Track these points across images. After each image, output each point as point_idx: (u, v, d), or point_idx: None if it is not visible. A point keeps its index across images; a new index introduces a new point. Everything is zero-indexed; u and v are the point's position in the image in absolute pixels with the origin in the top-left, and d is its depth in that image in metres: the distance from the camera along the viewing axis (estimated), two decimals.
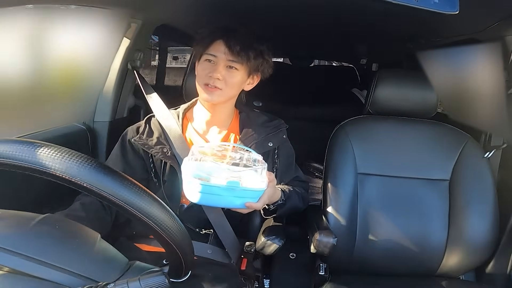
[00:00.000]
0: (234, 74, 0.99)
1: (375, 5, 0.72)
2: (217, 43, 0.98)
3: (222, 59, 0.98)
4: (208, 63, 0.99)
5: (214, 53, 0.98)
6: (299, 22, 1.57)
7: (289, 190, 1.05)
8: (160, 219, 0.48)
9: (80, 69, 1.21)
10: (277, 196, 0.98)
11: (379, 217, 1.18)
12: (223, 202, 0.85)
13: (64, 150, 0.46)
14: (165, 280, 0.51)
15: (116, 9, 1.08)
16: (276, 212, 1.01)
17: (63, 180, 0.45)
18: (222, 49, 0.97)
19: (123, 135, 1.06)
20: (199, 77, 1.01)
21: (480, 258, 1.15)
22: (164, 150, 1.00)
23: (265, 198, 0.87)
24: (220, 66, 0.98)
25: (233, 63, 0.98)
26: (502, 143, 1.21)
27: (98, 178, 0.45)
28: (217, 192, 0.80)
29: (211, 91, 0.98)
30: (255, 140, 1.04)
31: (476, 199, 1.15)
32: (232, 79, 0.99)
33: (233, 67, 0.99)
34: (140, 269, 0.56)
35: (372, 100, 1.24)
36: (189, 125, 1.08)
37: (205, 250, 1.01)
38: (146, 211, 0.47)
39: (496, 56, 1.13)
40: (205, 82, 0.99)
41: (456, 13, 0.72)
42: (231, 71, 0.99)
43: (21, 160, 0.44)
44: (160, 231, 0.49)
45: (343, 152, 1.21)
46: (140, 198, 0.47)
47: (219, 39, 0.98)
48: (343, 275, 1.17)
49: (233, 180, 0.80)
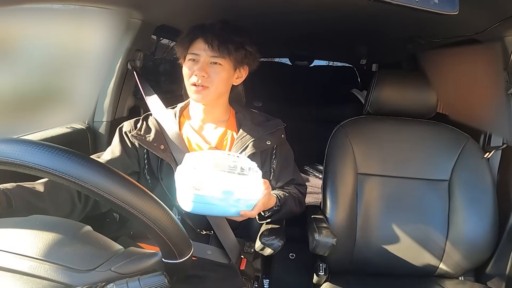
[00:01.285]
0: (218, 69, 0.99)
1: (375, 5, 0.72)
2: (197, 42, 0.99)
3: (204, 56, 0.98)
4: (192, 62, 1.00)
5: (196, 51, 0.99)
6: (299, 23, 1.57)
7: (284, 195, 1.04)
8: (129, 200, 0.47)
9: (80, 69, 1.21)
10: (272, 202, 0.97)
11: (378, 217, 1.18)
12: (217, 211, 0.84)
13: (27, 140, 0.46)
14: (164, 280, 0.51)
15: (116, 9, 1.08)
16: (271, 217, 1.01)
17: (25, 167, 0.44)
18: (202, 47, 0.98)
19: (119, 128, 1.06)
20: (186, 77, 1.02)
21: (480, 258, 1.15)
22: (162, 147, 1.00)
23: (260, 206, 0.87)
24: (203, 64, 0.98)
25: (215, 58, 0.98)
26: (501, 143, 1.21)
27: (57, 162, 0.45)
28: (211, 202, 0.79)
29: (199, 91, 0.99)
30: (253, 138, 1.03)
31: (476, 200, 1.15)
32: (217, 75, 0.99)
33: (216, 62, 0.99)
34: (130, 253, 0.55)
35: (371, 100, 1.25)
36: (186, 123, 1.09)
37: (204, 251, 1.01)
38: (107, 188, 0.46)
39: (496, 57, 1.13)
40: (191, 82, 0.99)
41: (456, 13, 0.72)
42: (215, 67, 0.99)
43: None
44: (132, 210, 0.47)
45: (343, 152, 1.21)
46: (99, 174, 0.46)
47: (199, 38, 0.99)
48: (342, 275, 1.17)
49: (227, 190, 0.79)
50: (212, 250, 1.02)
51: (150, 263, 0.53)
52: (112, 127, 1.32)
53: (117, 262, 0.52)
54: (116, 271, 0.51)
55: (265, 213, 0.99)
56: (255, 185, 0.83)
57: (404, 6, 0.70)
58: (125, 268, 0.52)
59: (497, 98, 1.16)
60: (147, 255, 0.54)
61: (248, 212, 0.85)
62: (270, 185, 0.94)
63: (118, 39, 1.21)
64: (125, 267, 0.52)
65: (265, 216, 1.00)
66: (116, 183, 0.46)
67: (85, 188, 0.45)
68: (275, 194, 1.01)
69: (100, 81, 1.28)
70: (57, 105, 1.23)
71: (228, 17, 1.02)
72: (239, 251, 1.05)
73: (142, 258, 0.54)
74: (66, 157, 0.45)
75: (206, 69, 0.98)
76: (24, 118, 1.09)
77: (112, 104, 1.30)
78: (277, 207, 0.99)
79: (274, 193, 1.02)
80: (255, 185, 0.83)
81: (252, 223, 1.14)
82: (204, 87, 0.98)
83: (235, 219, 0.89)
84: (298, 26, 1.66)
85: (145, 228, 0.49)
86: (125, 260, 0.52)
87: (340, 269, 1.19)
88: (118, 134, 1.05)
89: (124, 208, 0.47)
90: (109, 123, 1.31)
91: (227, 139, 1.07)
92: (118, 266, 0.51)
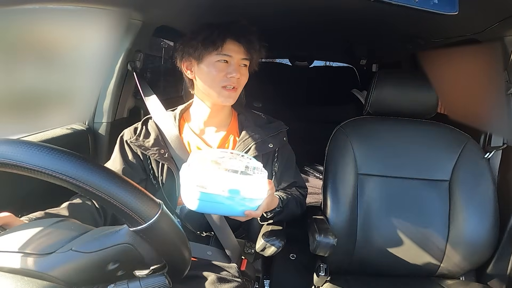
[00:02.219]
0: (245, 71, 0.99)
1: (375, 6, 0.72)
2: (230, 43, 0.95)
3: (237, 58, 0.96)
4: (223, 64, 0.96)
5: (229, 53, 0.95)
6: (299, 23, 1.57)
7: (286, 197, 1.04)
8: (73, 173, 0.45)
9: (80, 70, 1.21)
10: (275, 203, 0.97)
11: (379, 217, 1.18)
12: (222, 210, 0.84)
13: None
14: (165, 280, 0.51)
15: (116, 9, 1.08)
16: (273, 218, 1.01)
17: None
18: (235, 48, 0.95)
19: (120, 137, 1.05)
20: (214, 80, 0.96)
21: (480, 259, 1.15)
22: (161, 151, 0.99)
23: (264, 206, 0.86)
24: (236, 66, 0.96)
25: (245, 60, 0.97)
26: (502, 143, 1.21)
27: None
28: (217, 200, 0.79)
29: (230, 92, 0.97)
30: (255, 141, 1.03)
31: (476, 200, 1.15)
32: (244, 78, 0.99)
33: (245, 65, 0.98)
34: (96, 232, 0.53)
35: (372, 100, 1.24)
36: (186, 126, 1.08)
37: (204, 251, 1.01)
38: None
39: (496, 57, 1.13)
40: (222, 85, 0.96)
41: (455, 13, 0.72)
42: (243, 69, 0.98)
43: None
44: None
45: (343, 153, 1.21)
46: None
47: (229, 38, 0.95)
48: (343, 276, 1.17)
49: (233, 188, 0.79)
50: (212, 251, 1.02)
51: (116, 237, 0.50)
52: (112, 128, 1.32)
53: (79, 242, 0.50)
54: (78, 250, 0.49)
55: (268, 214, 0.99)
56: (261, 185, 0.83)
57: (404, 6, 0.70)
58: (88, 246, 0.49)
59: (497, 98, 1.16)
60: (113, 230, 0.51)
61: (253, 212, 0.84)
62: (274, 185, 0.94)
63: (118, 40, 1.21)
64: (88, 245, 0.49)
65: (267, 217, 1.00)
66: (60, 160, 0.45)
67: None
68: (278, 196, 1.01)
69: (100, 82, 1.28)
70: (58, 105, 1.23)
71: (228, 18, 1.02)
72: (239, 252, 1.04)
73: (108, 234, 0.51)
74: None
75: (240, 71, 0.96)
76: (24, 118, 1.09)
77: (112, 105, 1.30)
78: (279, 208, 0.99)
79: (277, 194, 1.02)
80: (261, 185, 0.83)
81: (252, 224, 1.14)
82: (235, 89, 0.97)
83: (239, 219, 0.89)
84: (298, 26, 1.66)
85: (97, 199, 0.47)
86: (89, 239, 0.51)
87: (340, 270, 1.19)
88: (119, 145, 1.04)
89: (71, 183, 0.45)
90: (109, 124, 1.31)
91: (229, 142, 1.06)
92: (80, 245, 0.49)
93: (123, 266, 0.51)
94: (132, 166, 1.02)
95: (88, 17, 1.02)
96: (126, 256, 0.50)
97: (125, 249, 0.49)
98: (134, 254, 0.50)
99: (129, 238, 0.50)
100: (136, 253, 0.50)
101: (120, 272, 0.52)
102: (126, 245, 0.49)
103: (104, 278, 0.50)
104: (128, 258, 0.50)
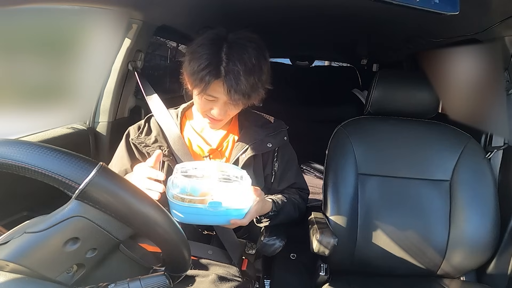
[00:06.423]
0: (234, 108, 0.95)
1: (376, 5, 0.72)
2: (215, 84, 0.87)
3: (223, 99, 0.90)
4: (207, 101, 0.92)
5: (214, 94, 0.89)
6: (299, 23, 1.57)
7: (282, 201, 1.03)
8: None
9: (81, 69, 1.21)
10: (267, 208, 0.97)
11: (379, 217, 1.18)
12: (208, 220, 0.86)
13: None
14: (165, 280, 0.51)
15: (116, 9, 1.08)
16: (270, 222, 1.01)
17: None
18: (221, 90, 0.87)
19: (126, 134, 1.06)
20: (199, 109, 0.96)
21: (481, 259, 1.15)
22: (162, 148, 1.00)
23: (253, 213, 0.87)
24: (221, 105, 0.92)
25: (234, 101, 0.90)
26: (503, 143, 1.21)
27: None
28: (200, 212, 0.80)
29: (214, 123, 0.98)
30: (254, 141, 1.03)
31: (477, 200, 1.15)
32: (232, 112, 0.97)
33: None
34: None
35: (372, 100, 1.24)
36: (188, 124, 1.08)
37: (205, 251, 1.01)
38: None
39: (497, 57, 1.13)
40: (204, 116, 0.97)
41: (456, 13, 0.72)
42: (231, 106, 0.93)
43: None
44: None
45: (343, 152, 1.21)
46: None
47: (215, 80, 0.86)
48: (343, 276, 1.17)
49: (214, 201, 0.79)
50: (213, 250, 1.02)
51: (66, 211, 0.47)
52: (113, 127, 1.32)
53: (31, 223, 0.48)
54: (30, 231, 0.46)
55: (262, 218, 0.99)
56: (244, 194, 0.83)
57: (405, 6, 0.70)
58: (40, 226, 0.47)
59: (498, 98, 1.16)
60: (63, 206, 0.48)
61: (238, 220, 0.84)
62: (262, 191, 0.94)
63: (118, 40, 1.21)
64: (39, 224, 0.47)
65: (261, 221, 1.00)
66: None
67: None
68: (272, 199, 1.01)
69: (101, 82, 1.28)
70: (58, 105, 1.23)
71: (228, 18, 1.02)
72: (240, 252, 1.05)
73: (58, 210, 0.48)
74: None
75: (224, 109, 0.93)
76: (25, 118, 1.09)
77: (113, 105, 1.31)
78: (273, 212, 0.99)
79: (271, 198, 1.02)
80: (244, 193, 0.83)
81: (254, 225, 1.14)
82: (218, 120, 0.97)
83: (227, 227, 0.90)
84: (299, 26, 1.66)
85: (26, 173, 0.45)
86: (41, 219, 0.48)
87: (341, 270, 1.19)
88: (124, 142, 1.04)
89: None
90: (110, 124, 1.32)
91: (228, 141, 1.06)
92: (32, 226, 0.47)
93: (89, 244, 0.48)
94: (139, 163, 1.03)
95: (88, 17, 1.03)
96: (83, 231, 0.47)
97: (79, 222, 0.47)
98: (94, 228, 0.47)
99: (79, 210, 0.46)
100: (95, 227, 0.47)
101: (90, 253, 0.49)
102: (78, 217, 0.46)
103: (72, 260, 0.47)
104: (88, 233, 0.47)
